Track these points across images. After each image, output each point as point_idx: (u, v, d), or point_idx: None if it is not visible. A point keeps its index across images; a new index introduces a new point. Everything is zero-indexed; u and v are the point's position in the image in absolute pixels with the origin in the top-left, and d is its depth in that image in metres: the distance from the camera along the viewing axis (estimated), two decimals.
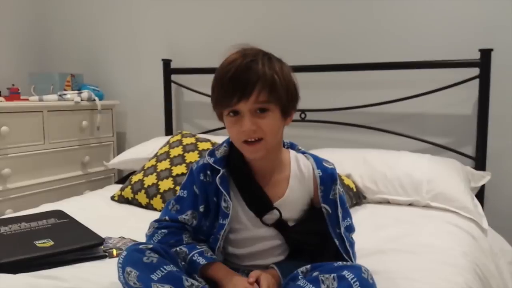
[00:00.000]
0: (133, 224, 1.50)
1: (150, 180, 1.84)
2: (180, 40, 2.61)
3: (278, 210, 1.02)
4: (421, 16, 2.04)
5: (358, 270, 0.88)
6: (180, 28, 2.60)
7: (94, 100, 2.51)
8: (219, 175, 1.02)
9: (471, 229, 1.50)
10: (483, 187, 1.89)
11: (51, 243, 1.22)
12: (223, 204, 1.02)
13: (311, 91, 2.18)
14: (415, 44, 2.05)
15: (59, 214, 1.49)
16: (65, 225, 1.40)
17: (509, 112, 1.91)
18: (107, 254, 1.25)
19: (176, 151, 1.94)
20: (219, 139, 1.53)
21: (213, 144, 1.94)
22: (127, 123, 2.85)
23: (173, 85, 2.59)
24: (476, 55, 1.87)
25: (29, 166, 2.24)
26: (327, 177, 1.02)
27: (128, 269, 0.90)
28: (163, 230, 1.05)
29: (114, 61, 2.84)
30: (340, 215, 1.01)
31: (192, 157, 1.88)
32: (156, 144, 2.18)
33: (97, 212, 1.71)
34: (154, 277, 0.88)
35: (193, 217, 1.06)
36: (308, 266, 0.95)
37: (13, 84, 2.52)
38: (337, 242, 1.00)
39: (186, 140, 2.00)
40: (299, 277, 0.93)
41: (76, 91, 2.50)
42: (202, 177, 1.05)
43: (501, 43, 1.88)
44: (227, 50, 0.98)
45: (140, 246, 0.95)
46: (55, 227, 1.37)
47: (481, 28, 1.93)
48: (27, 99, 2.38)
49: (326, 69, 2.15)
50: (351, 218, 1.07)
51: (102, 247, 1.27)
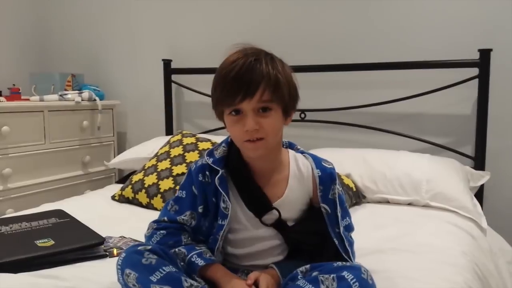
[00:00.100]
0: (134, 224, 1.51)
1: (151, 180, 1.84)
2: (181, 41, 2.62)
3: (278, 210, 1.02)
4: (421, 17, 2.04)
5: (358, 271, 0.87)
6: (181, 29, 2.61)
7: (95, 100, 2.52)
8: (218, 176, 1.01)
9: (470, 229, 1.50)
10: (482, 187, 1.89)
11: (52, 243, 1.22)
12: (222, 205, 1.02)
13: (311, 91, 2.19)
14: (415, 44, 2.05)
15: (60, 214, 1.50)
16: (66, 225, 1.40)
17: (508, 112, 1.92)
18: (108, 254, 1.25)
19: (177, 151, 1.95)
20: (219, 139, 1.53)
21: (213, 144, 1.94)
22: (128, 123, 2.86)
23: (174, 85, 2.60)
24: (476, 55, 1.87)
25: (30, 166, 2.25)
26: (326, 177, 1.02)
27: (127, 271, 0.90)
28: (162, 231, 1.04)
29: (115, 61, 2.84)
30: (339, 215, 1.01)
31: (193, 157, 1.88)
32: (157, 144, 2.19)
33: (98, 212, 1.71)
34: (153, 279, 0.88)
35: (192, 218, 1.05)
36: (308, 266, 0.95)
37: (14, 84, 2.53)
38: (336, 242, 1.00)
39: (187, 140, 2.01)
40: (299, 277, 0.93)
41: (77, 91, 2.50)
42: (201, 178, 1.04)
43: (501, 43, 1.88)
44: (228, 49, 0.98)
45: (139, 248, 0.94)
46: (56, 227, 1.37)
47: (481, 29, 1.93)
48: (28, 99, 2.39)
49: (326, 69, 2.15)
50: (350, 217, 1.06)
51: (103, 247, 1.27)
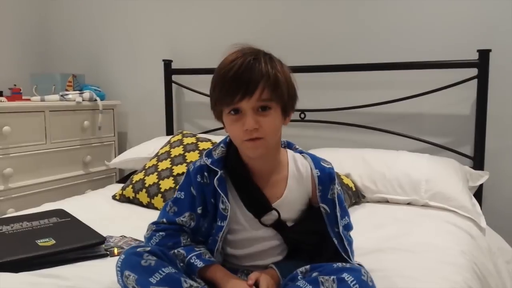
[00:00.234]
0: (134, 223, 1.51)
1: (151, 180, 1.85)
2: (181, 41, 2.62)
3: (277, 211, 1.01)
4: (420, 17, 2.04)
5: (358, 273, 0.87)
6: (181, 29, 2.61)
7: (96, 100, 2.53)
8: (217, 177, 1.00)
9: (470, 228, 1.50)
10: (481, 187, 1.89)
11: (53, 242, 1.23)
12: (221, 206, 1.01)
13: (311, 92, 2.20)
14: (414, 45, 2.05)
15: (61, 213, 1.50)
16: (67, 224, 1.40)
17: (507, 112, 1.92)
18: (109, 253, 1.26)
19: (177, 151, 1.95)
20: (220, 139, 1.53)
21: (214, 144, 1.95)
22: (128, 123, 2.87)
23: (174, 86, 2.60)
24: (475, 56, 1.87)
25: (31, 166, 2.25)
26: (325, 177, 1.02)
27: (127, 273, 0.90)
28: (161, 233, 1.04)
29: (116, 62, 2.85)
30: (339, 214, 1.00)
31: (193, 157, 1.89)
32: (157, 144, 2.20)
33: (99, 211, 1.71)
34: (153, 280, 0.87)
35: (191, 219, 1.04)
36: (308, 267, 0.94)
37: (15, 85, 2.54)
38: (336, 241, 0.99)
39: (187, 140, 2.02)
40: (299, 278, 0.93)
41: (78, 92, 2.51)
42: (199, 179, 1.04)
43: (500, 44, 1.88)
44: (226, 50, 0.98)
45: (138, 249, 0.93)
46: (57, 226, 1.38)
47: (480, 29, 1.93)
48: (29, 99, 2.39)
49: (326, 70, 2.16)
50: (349, 216, 1.06)
51: (104, 246, 1.28)
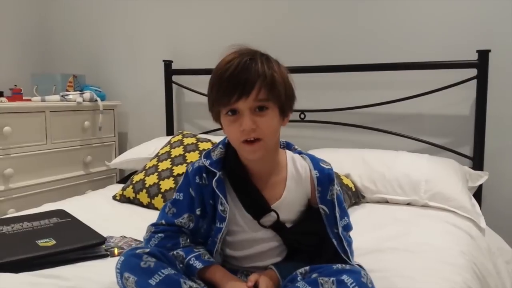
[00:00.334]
0: (135, 223, 1.51)
1: (152, 180, 1.85)
2: (181, 42, 2.62)
3: (276, 212, 1.01)
4: (420, 18, 2.04)
5: (358, 275, 0.87)
6: (181, 30, 2.61)
7: (96, 101, 2.53)
8: (216, 178, 1.00)
9: (469, 229, 1.50)
10: (481, 187, 1.89)
11: (53, 242, 1.23)
12: (220, 208, 1.01)
13: (310, 92, 2.20)
14: (414, 45, 2.05)
15: (61, 214, 1.50)
16: (67, 225, 1.41)
17: (507, 113, 1.92)
18: (109, 253, 1.26)
19: (177, 151, 1.96)
20: (220, 139, 1.53)
21: (214, 144, 1.95)
22: (129, 124, 2.87)
23: (174, 86, 2.61)
24: (474, 56, 1.88)
25: (32, 166, 2.26)
26: (324, 178, 1.01)
27: (126, 275, 0.90)
28: (160, 234, 1.03)
29: (116, 62, 2.85)
30: (338, 215, 1.00)
31: (193, 157, 1.89)
32: (157, 144, 2.20)
33: (99, 212, 1.72)
34: (152, 282, 0.87)
35: (190, 220, 1.04)
36: (307, 268, 0.94)
37: (16, 85, 2.54)
38: (335, 242, 0.99)
39: (187, 140, 2.02)
40: (298, 279, 0.92)
41: (78, 92, 2.51)
42: (198, 180, 1.03)
43: (499, 44, 1.89)
44: (224, 51, 0.98)
45: (137, 251, 0.93)
46: (57, 227, 1.38)
47: (479, 29, 1.93)
48: (30, 100, 2.39)
49: (325, 70, 2.16)
50: (348, 217, 1.06)
51: (104, 246, 1.28)
